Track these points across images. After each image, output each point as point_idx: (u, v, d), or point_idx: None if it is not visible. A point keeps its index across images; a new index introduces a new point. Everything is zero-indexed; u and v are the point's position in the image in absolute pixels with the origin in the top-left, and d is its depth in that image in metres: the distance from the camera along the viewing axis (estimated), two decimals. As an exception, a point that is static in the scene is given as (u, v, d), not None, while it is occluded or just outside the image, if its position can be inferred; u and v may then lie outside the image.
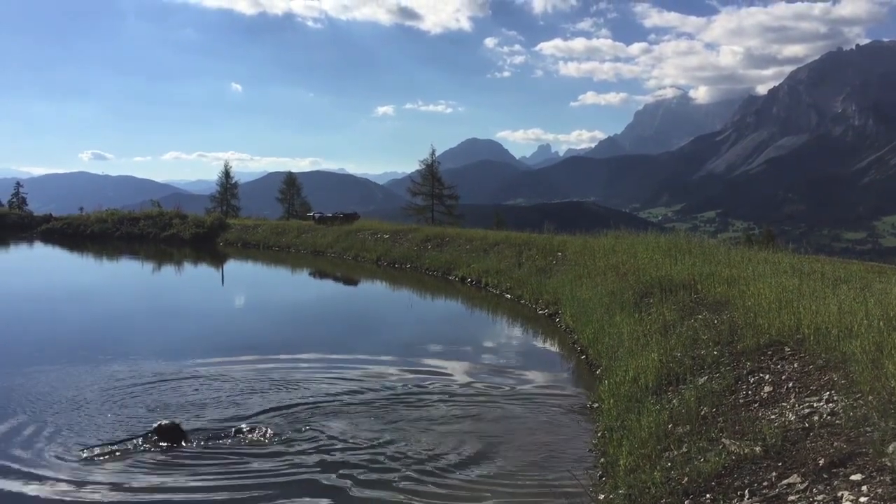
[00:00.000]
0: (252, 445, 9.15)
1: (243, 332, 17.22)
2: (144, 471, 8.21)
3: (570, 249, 23.27)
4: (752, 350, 8.81)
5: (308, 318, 20.11)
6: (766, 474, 5.76)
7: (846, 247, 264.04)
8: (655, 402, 8.56)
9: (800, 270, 13.44)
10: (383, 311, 21.76)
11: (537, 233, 29.05)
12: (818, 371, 7.50)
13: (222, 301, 23.91)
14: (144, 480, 7.97)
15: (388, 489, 7.80)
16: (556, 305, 18.64)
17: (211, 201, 66.32)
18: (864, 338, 7.52)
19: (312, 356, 14.15)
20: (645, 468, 6.84)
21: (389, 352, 14.56)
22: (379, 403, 10.88)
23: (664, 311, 12.37)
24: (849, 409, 6.25)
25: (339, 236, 36.14)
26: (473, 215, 72.96)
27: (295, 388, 11.75)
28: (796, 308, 9.29)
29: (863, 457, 5.38)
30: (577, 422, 10.11)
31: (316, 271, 31.22)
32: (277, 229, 41.64)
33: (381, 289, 27.39)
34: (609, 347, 12.32)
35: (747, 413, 7.20)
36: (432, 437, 9.30)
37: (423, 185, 60.49)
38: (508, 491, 7.70)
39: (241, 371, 12.75)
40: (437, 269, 27.85)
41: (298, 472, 8.27)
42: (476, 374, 12.85)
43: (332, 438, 9.32)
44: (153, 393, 11.35)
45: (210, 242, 41.37)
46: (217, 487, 7.81)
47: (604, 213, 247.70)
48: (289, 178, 69.46)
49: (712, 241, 20.81)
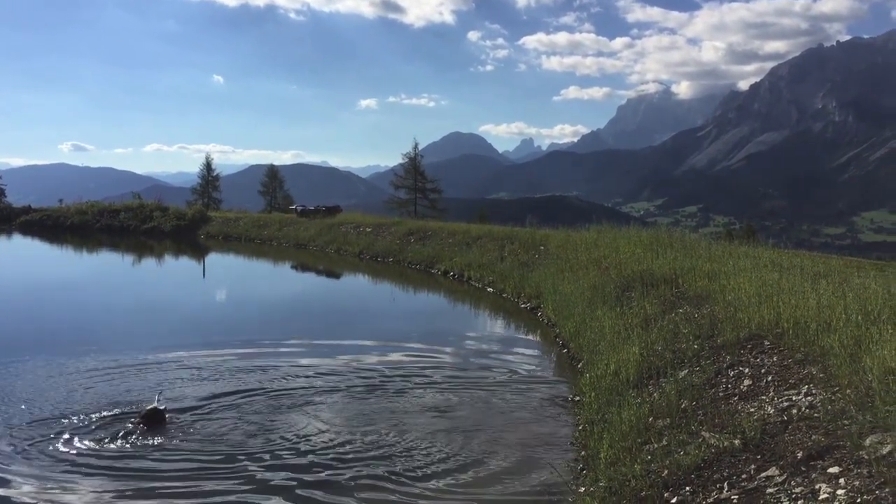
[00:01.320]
0: (228, 431, 9.20)
1: (224, 324, 17.14)
2: (125, 456, 8.17)
3: (552, 243, 23.33)
4: (732, 344, 8.87)
5: (290, 310, 20.03)
6: (745, 467, 5.81)
7: (825, 242, 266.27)
8: (636, 396, 8.61)
9: (780, 265, 13.55)
10: (365, 305, 21.71)
11: (520, 227, 29.09)
12: (797, 365, 7.56)
13: (203, 294, 23.79)
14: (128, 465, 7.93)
15: (366, 479, 7.80)
16: (539, 299, 18.69)
17: (192, 194, 65.88)
18: (843, 332, 7.59)
19: (293, 348, 14.14)
20: (625, 461, 6.87)
21: (371, 345, 14.57)
22: (359, 395, 10.90)
23: (645, 305, 12.43)
24: (827, 403, 6.31)
25: (322, 229, 36.03)
26: (456, 209, 72.99)
27: (275, 377, 11.84)
28: (776, 302, 9.36)
29: (840, 450, 5.43)
30: (558, 415, 10.15)
31: (298, 264, 31.09)
32: (259, 222, 41.45)
33: (363, 282, 27.33)
34: (590, 341, 12.36)
35: (727, 406, 7.25)
36: (412, 431, 9.30)
37: (406, 178, 60.36)
38: (489, 484, 7.71)
39: (222, 361, 12.80)
40: (420, 262, 27.83)
41: (274, 461, 8.31)
42: (457, 367, 12.86)
43: (310, 428, 9.37)
44: (131, 381, 11.36)
45: (191, 235, 41.12)
46: (192, 475, 7.78)
47: (586, 208, 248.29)
48: (271, 171, 69.08)
49: (693, 236, 20.93)
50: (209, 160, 66.33)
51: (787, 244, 18.95)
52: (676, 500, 5.78)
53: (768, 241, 19.72)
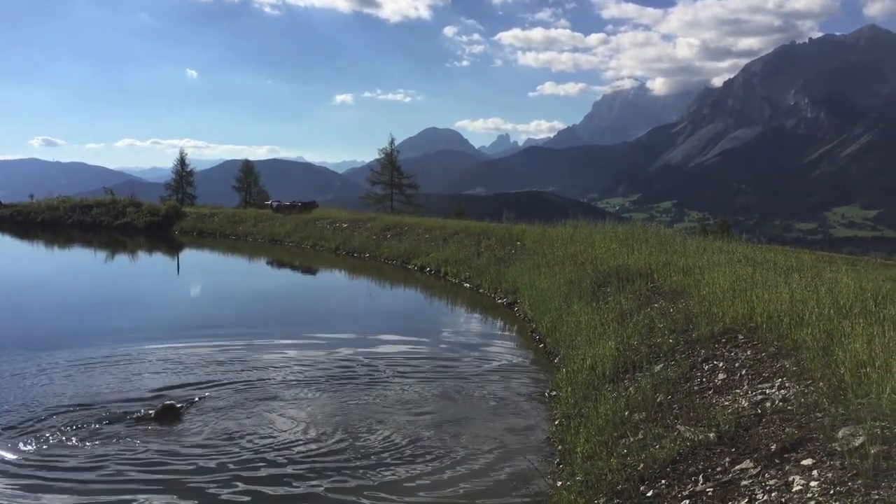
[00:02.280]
0: (201, 425, 9.20)
1: (198, 320, 16.97)
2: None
3: (528, 239, 23.38)
4: (706, 338, 8.94)
5: (265, 306, 19.90)
6: (720, 460, 5.85)
7: (798, 237, 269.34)
8: (612, 390, 8.65)
9: (753, 260, 13.69)
10: (342, 300, 21.64)
11: (496, 222, 29.13)
12: (770, 358, 7.64)
13: (178, 290, 23.57)
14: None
15: (338, 473, 7.78)
16: (515, 294, 18.72)
17: (166, 189, 65.40)
18: (815, 326, 7.68)
19: (268, 342, 14.07)
20: (602, 455, 6.90)
21: (347, 340, 14.53)
22: (334, 390, 10.87)
23: (621, 300, 12.49)
24: (800, 396, 6.37)
25: (298, 225, 35.86)
26: (433, 205, 72.98)
27: (248, 371, 11.86)
28: (750, 297, 9.45)
29: (813, 442, 5.49)
30: (535, 410, 10.17)
31: (274, 260, 30.92)
32: (234, 218, 41.17)
33: (339, 278, 27.23)
34: (567, 336, 12.40)
35: (702, 400, 7.31)
36: (387, 426, 9.28)
37: (383, 174, 60.32)
38: (466, 479, 7.71)
39: (196, 355, 12.76)
40: (397, 258, 27.78)
41: (244, 453, 8.29)
42: (433, 362, 12.84)
43: (282, 421, 9.35)
44: (105, 376, 11.31)
45: (165, 231, 40.73)
46: (162, 469, 7.71)
47: (562, 203, 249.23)
48: (246, 166, 68.69)
49: (668, 231, 21.08)
50: (183, 155, 65.90)
51: (760, 239, 19.15)
52: (652, 494, 5.82)
53: (742, 236, 19.94)
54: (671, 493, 5.70)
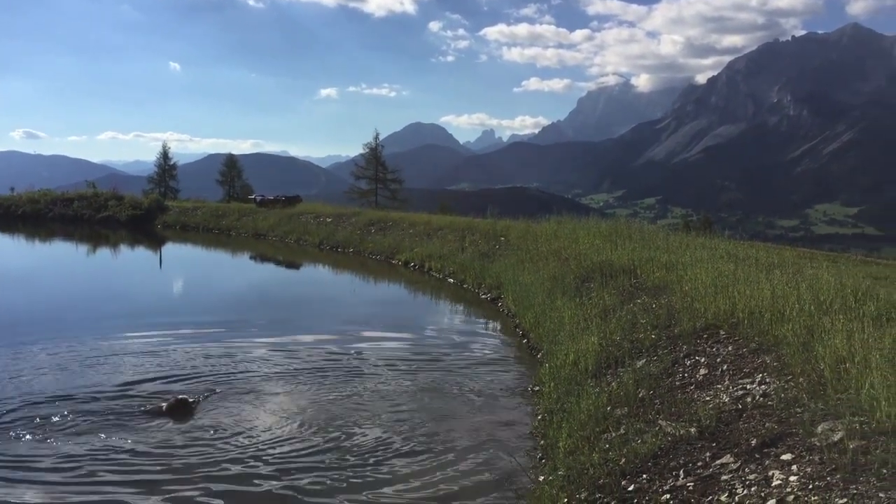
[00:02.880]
0: (185, 416, 9.22)
1: (181, 313, 16.88)
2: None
3: (512, 234, 23.40)
4: (688, 334, 8.99)
5: (248, 300, 19.80)
6: (701, 454, 5.89)
7: (780, 234, 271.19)
8: (595, 385, 8.68)
9: (735, 256, 13.76)
10: (325, 295, 21.58)
11: (481, 218, 29.14)
12: (751, 354, 7.69)
13: (160, 283, 23.42)
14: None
15: (319, 467, 7.78)
16: (499, 290, 18.74)
17: (149, 183, 64.86)
18: (796, 321, 7.74)
19: (251, 336, 14.06)
20: (584, 450, 6.93)
21: (330, 334, 14.51)
22: (316, 383, 10.87)
23: (604, 296, 12.53)
24: (780, 391, 6.42)
25: (281, 219, 35.74)
26: (417, 200, 72.84)
27: (230, 364, 11.90)
28: (731, 293, 9.50)
29: (793, 437, 5.53)
30: (517, 405, 10.19)
31: (257, 254, 30.80)
32: (218, 212, 40.94)
33: (323, 272, 27.17)
34: (550, 331, 12.43)
35: (683, 395, 7.35)
36: (370, 420, 9.28)
37: (367, 168, 60.15)
38: (448, 474, 7.72)
39: (178, 349, 12.75)
40: (381, 253, 27.74)
41: (224, 445, 8.30)
42: (417, 357, 12.84)
43: (263, 415, 9.35)
44: (88, 369, 11.22)
45: (148, 225, 40.45)
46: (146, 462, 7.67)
47: (547, 199, 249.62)
48: (229, 160, 68.24)
49: (652, 227, 21.15)
50: (166, 149, 65.43)
51: (742, 236, 19.26)
52: (633, 488, 5.85)
53: (724, 233, 20.05)
54: (652, 488, 5.73)
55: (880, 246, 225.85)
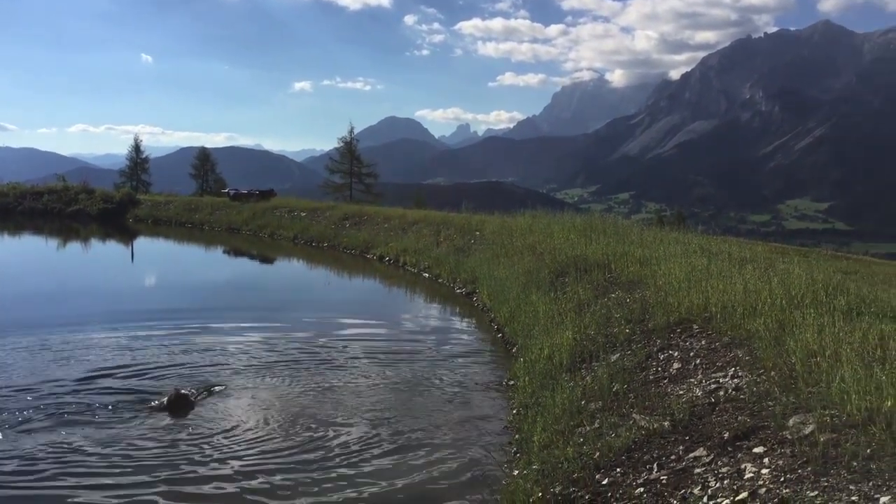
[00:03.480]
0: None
1: (153, 307, 16.64)
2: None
3: (487, 229, 23.42)
4: (662, 328, 9.04)
5: (221, 294, 19.62)
6: (674, 448, 5.93)
7: (752, 229, 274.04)
8: (569, 380, 8.70)
9: (708, 251, 13.87)
10: (300, 289, 21.46)
11: (456, 212, 29.15)
12: (724, 348, 7.75)
13: (132, 277, 23.15)
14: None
15: (289, 462, 7.73)
16: (474, 284, 18.75)
17: (120, 176, 64.22)
18: (768, 315, 7.82)
19: (223, 330, 13.97)
20: (558, 444, 6.94)
21: (304, 328, 14.42)
22: (289, 377, 10.80)
23: (579, 290, 12.57)
24: (752, 385, 6.48)
25: (255, 213, 35.51)
26: (392, 194, 72.77)
27: (203, 358, 11.84)
28: (704, 287, 9.57)
29: (765, 430, 5.58)
30: (492, 399, 10.19)
31: (230, 249, 30.57)
32: (190, 205, 40.61)
33: (297, 267, 27.03)
34: (525, 326, 12.45)
35: (657, 389, 7.39)
36: (343, 414, 9.23)
37: (342, 162, 59.90)
38: (422, 469, 7.70)
39: (151, 342, 12.61)
40: (355, 247, 27.66)
41: (192, 438, 8.26)
42: (391, 352, 12.81)
43: (234, 409, 9.27)
44: (58, 363, 11.02)
45: (119, 218, 40.01)
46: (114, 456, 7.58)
47: (522, 194, 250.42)
48: (202, 154, 67.65)
49: (626, 222, 21.26)
50: (138, 142, 64.78)
51: (715, 230, 19.46)
52: (608, 482, 5.87)
53: (697, 228, 20.23)
54: (626, 481, 5.76)
55: (850, 241, 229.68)
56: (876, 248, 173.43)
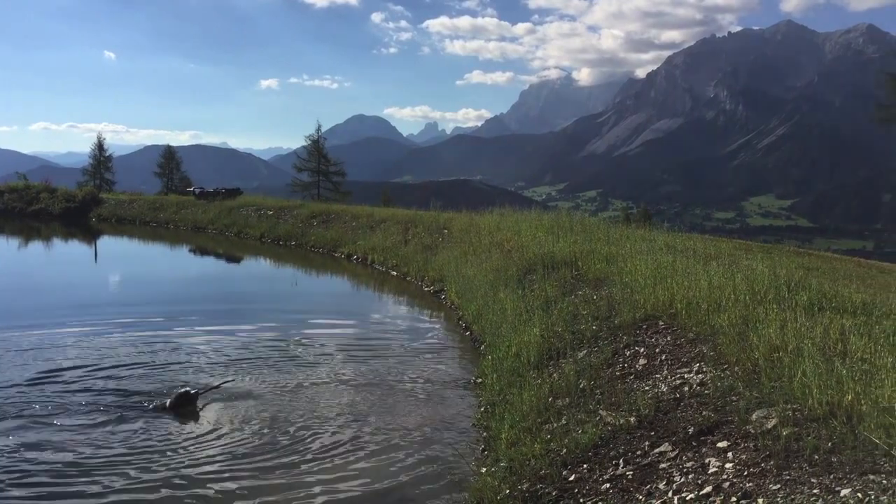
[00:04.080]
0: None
1: (116, 306, 16.45)
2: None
3: (455, 227, 23.42)
4: (628, 325, 9.11)
5: (187, 293, 19.39)
6: (640, 443, 5.97)
7: (717, 226, 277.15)
8: (537, 377, 8.73)
9: (674, 248, 13.99)
10: (267, 288, 21.29)
11: (424, 210, 29.12)
12: (689, 344, 7.82)
13: (95, 276, 22.81)
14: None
15: (255, 461, 7.67)
16: (442, 282, 18.75)
17: (83, 175, 63.20)
18: (732, 312, 7.90)
19: (187, 329, 13.90)
20: (526, 441, 6.96)
21: (271, 327, 14.35)
22: (255, 376, 10.71)
23: (546, 288, 12.61)
24: (716, 380, 6.55)
25: (221, 212, 35.20)
26: (361, 192, 72.37)
27: (164, 355, 11.82)
28: (670, 284, 9.65)
29: (729, 425, 5.65)
30: (460, 397, 10.20)
31: (196, 248, 30.28)
32: (155, 204, 40.19)
33: (264, 266, 26.84)
34: (493, 323, 12.47)
35: (623, 385, 7.44)
36: (311, 414, 9.18)
37: (309, 160, 59.49)
38: (390, 467, 7.69)
39: (115, 342, 12.47)
40: (323, 246, 27.53)
41: (153, 434, 8.19)
42: (359, 350, 12.77)
43: (205, 411, 9.17)
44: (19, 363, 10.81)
45: (82, 217, 39.49)
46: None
47: (490, 192, 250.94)
48: (167, 152, 66.77)
49: (593, 220, 21.38)
50: (101, 140, 63.79)
51: (681, 227, 19.59)
52: (574, 478, 5.90)
53: (664, 225, 20.37)
54: (593, 477, 5.79)
55: (812, 237, 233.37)
56: (837, 245, 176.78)
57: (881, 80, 34.87)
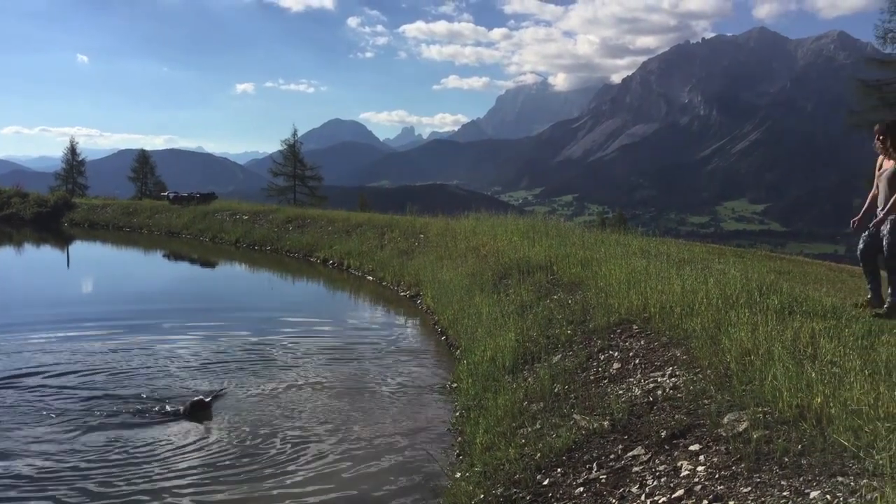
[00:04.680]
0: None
1: (90, 312, 16.22)
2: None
3: (432, 231, 23.42)
4: (602, 329, 9.15)
5: (160, 298, 19.13)
6: (613, 447, 6.00)
7: (691, 230, 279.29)
8: (512, 381, 8.75)
9: (648, 252, 14.09)
10: (242, 293, 21.14)
11: (401, 215, 29.10)
12: (662, 348, 7.88)
13: (67, 282, 22.54)
14: None
15: (232, 469, 7.61)
16: (418, 287, 18.73)
17: (56, 179, 62.63)
18: (704, 315, 7.97)
19: (159, 334, 13.74)
20: (500, 445, 6.97)
21: (247, 332, 14.22)
22: (234, 381, 10.64)
23: (521, 292, 12.65)
24: (689, 384, 6.60)
25: (196, 217, 34.95)
26: (337, 197, 72.33)
27: (136, 361, 11.63)
28: (644, 288, 9.71)
29: (701, 428, 5.69)
30: (435, 402, 10.19)
31: (170, 253, 30.04)
32: (129, 209, 39.83)
33: (239, 270, 26.69)
34: (468, 328, 12.47)
35: (597, 389, 7.47)
36: (286, 419, 9.13)
37: (285, 165, 59.30)
38: (365, 472, 7.66)
39: (88, 348, 12.33)
40: (299, 250, 27.42)
41: (122, 451, 7.98)
42: (334, 354, 12.73)
43: (164, 417, 9.11)
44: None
45: (54, 223, 39.06)
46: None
47: (466, 196, 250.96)
48: (141, 156, 66.27)
49: (568, 224, 21.51)
50: (74, 144, 63.30)
51: (656, 232, 19.73)
52: (548, 482, 5.91)
53: (638, 229, 20.50)
54: (566, 481, 5.81)
55: (785, 241, 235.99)
56: (809, 249, 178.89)
57: (852, 87, 35.32)
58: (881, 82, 34.13)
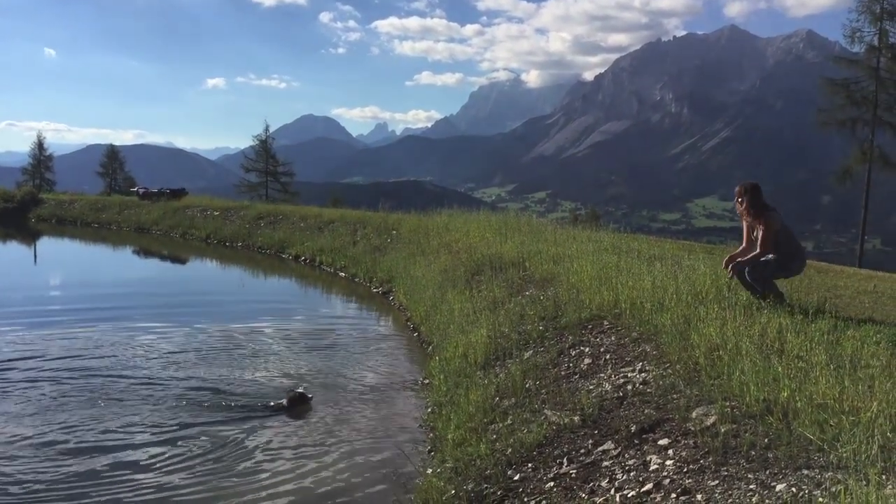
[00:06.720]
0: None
1: (58, 308, 16.05)
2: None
3: (404, 228, 23.40)
4: (574, 324, 9.19)
5: (129, 294, 18.95)
6: (584, 442, 6.03)
7: (663, 227, 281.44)
8: (483, 377, 8.76)
9: (619, 248, 14.18)
10: (212, 290, 20.94)
11: (373, 211, 29.05)
12: (633, 343, 7.93)
13: (34, 278, 22.20)
14: None
15: (203, 464, 7.55)
16: (391, 283, 18.72)
17: (22, 174, 61.78)
18: (674, 311, 8.04)
19: (127, 330, 13.59)
20: (472, 441, 6.98)
21: (215, 327, 14.14)
22: (205, 376, 10.55)
23: (494, 288, 12.67)
24: (659, 379, 6.65)
25: (166, 213, 34.64)
26: (309, 193, 71.88)
27: (105, 360, 11.54)
28: (615, 284, 9.78)
29: (670, 422, 5.74)
30: (407, 398, 10.19)
31: (140, 249, 29.75)
32: (97, 205, 39.41)
33: (210, 267, 26.49)
34: (441, 324, 12.49)
35: (568, 385, 7.51)
36: (256, 414, 9.08)
37: (257, 161, 59.00)
38: (336, 468, 7.64)
39: (52, 346, 12.16)
40: (270, 247, 27.27)
41: (84, 450, 7.87)
42: (305, 351, 12.69)
43: (135, 411, 9.03)
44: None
45: (20, 218, 38.48)
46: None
47: (439, 193, 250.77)
48: (110, 151, 65.59)
49: (541, 221, 21.58)
50: (41, 138, 62.57)
51: (627, 229, 19.87)
52: (519, 477, 5.93)
53: (610, 226, 20.64)
54: (537, 476, 5.83)
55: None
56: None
57: (821, 85, 35.89)
58: (848, 80, 34.72)
